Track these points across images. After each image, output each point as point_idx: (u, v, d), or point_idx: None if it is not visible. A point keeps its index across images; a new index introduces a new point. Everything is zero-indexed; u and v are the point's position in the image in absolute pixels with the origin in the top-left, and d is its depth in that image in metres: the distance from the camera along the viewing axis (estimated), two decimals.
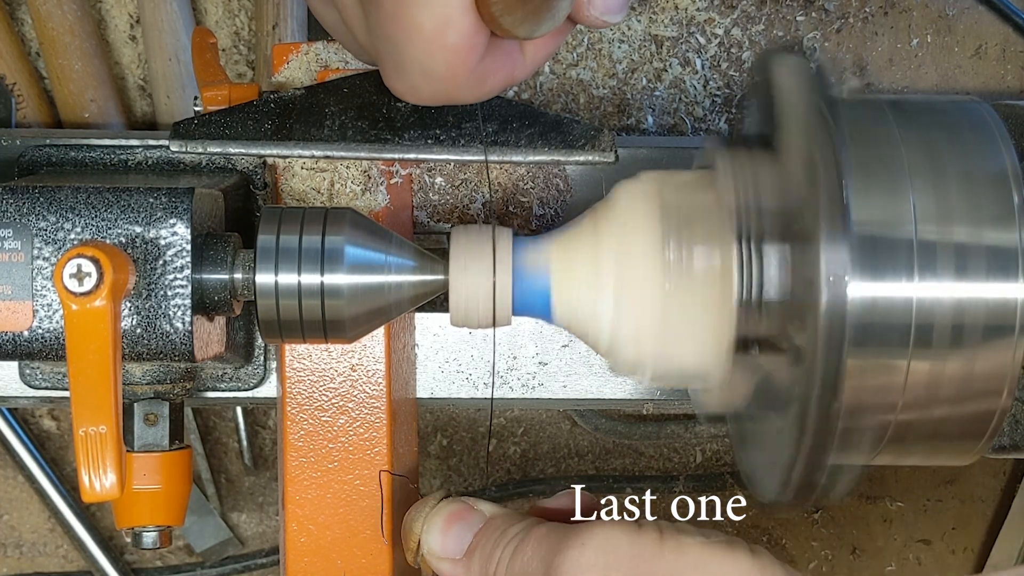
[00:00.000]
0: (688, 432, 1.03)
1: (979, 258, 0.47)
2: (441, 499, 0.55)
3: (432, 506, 0.55)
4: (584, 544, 0.47)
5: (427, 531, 0.54)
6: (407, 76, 0.51)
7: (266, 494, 1.09)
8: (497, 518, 0.53)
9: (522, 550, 0.50)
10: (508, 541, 0.51)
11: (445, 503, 0.54)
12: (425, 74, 0.49)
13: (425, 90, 0.51)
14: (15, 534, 1.07)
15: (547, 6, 0.46)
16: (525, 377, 0.67)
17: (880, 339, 0.46)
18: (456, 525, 0.53)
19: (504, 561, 0.50)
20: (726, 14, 1.01)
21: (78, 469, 0.49)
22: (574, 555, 0.47)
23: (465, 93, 0.51)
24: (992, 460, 1.11)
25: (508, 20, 0.47)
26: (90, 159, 0.62)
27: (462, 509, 0.54)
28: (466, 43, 0.48)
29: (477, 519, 0.53)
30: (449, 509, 0.54)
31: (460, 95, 0.52)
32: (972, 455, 0.51)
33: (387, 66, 0.52)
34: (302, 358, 0.60)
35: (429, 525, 0.54)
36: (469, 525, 0.53)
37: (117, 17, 1.02)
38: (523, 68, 0.53)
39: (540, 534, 0.50)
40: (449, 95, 0.51)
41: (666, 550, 0.47)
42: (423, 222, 0.65)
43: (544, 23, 0.48)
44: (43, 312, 0.53)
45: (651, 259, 0.51)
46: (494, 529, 0.52)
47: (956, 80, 1.05)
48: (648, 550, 0.47)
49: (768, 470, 0.51)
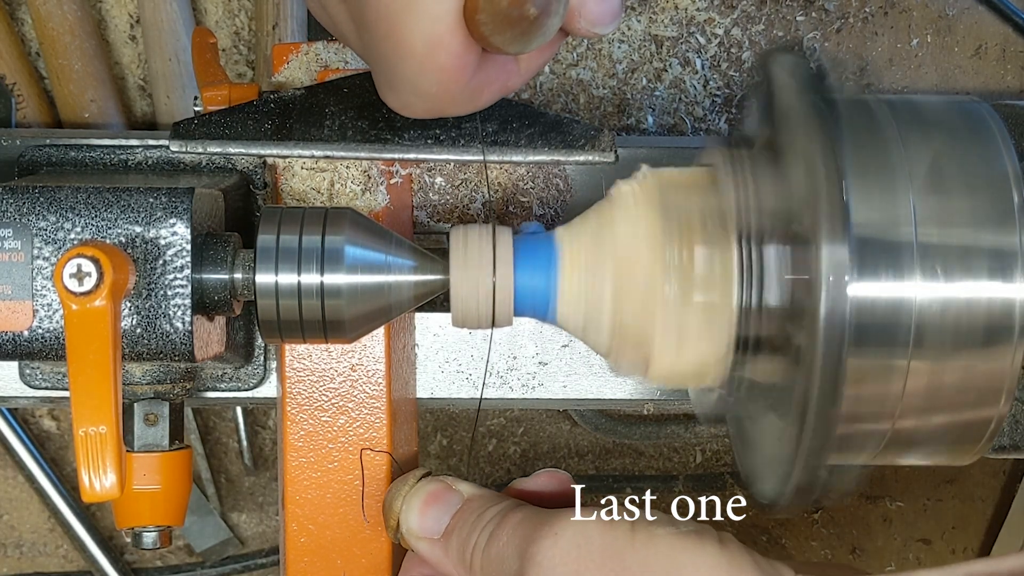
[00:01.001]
0: (688, 432, 1.04)
1: (979, 259, 0.47)
2: (420, 477, 0.56)
3: (412, 484, 0.55)
4: (557, 535, 0.48)
5: (406, 510, 0.55)
6: (399, 94, 0.51)
7: (266, 494, 1.09)
8: (474, 500, 0.54)
9: (498, 535, 0.51)
10: (484, 525, 0.52)
11: (424, 482, 0.55)
12: (417, 93, 0.50)
13: (418, 107, 0.52)
14: (15, 534, 1.07)
15: (536, 25, 0.46)
16: (525, 377, 0.67)
17: (880, 340, 0.46)
18: (434, 506, 0.54)
19: (480, 545, 0.51)
20: (726, 14, 1.01)
21: (78, 469, 0.49)
22: (547, 544, 0.48)
23: (459, 108, 0.52)
24: (992, 460, 1.11)
25: (498, 39, 0.47)
26: (90, 159, 0.62)
27: (441, 489, 0.55)
28: (457, 63, 0.48)
29: (455, 499, 0.54)
30: (428, 489, 0.55)
31: (454, 110, 0.52)
32: (972, 455, 0.51)
33: (380, 82, 0.52)
34: (302, 358, 0.60)
35: (408, 504, 0.55)
36: (447, 506, 0.54)
37: (117, 17, 1.02)
38: (517, 78, 0.53)
39: (516, 520, 0.51)
40: (443, 110, 0.52)
41: (637, 542, 0.48)
42: (423, 222, 0.65)
43: (534, 40, 0.47)
44: (43, 312, 0.53)
45: (651, 260, 0.51)
46: (471, 512, 0.53)
47: (956, 80, 1.05)
48: (619, 542, 0.48)
49: (768, 470, 0.51)
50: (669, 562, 0.47)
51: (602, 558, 0.47)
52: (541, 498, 0.55)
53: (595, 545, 0.48)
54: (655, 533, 0.48)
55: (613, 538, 0.48)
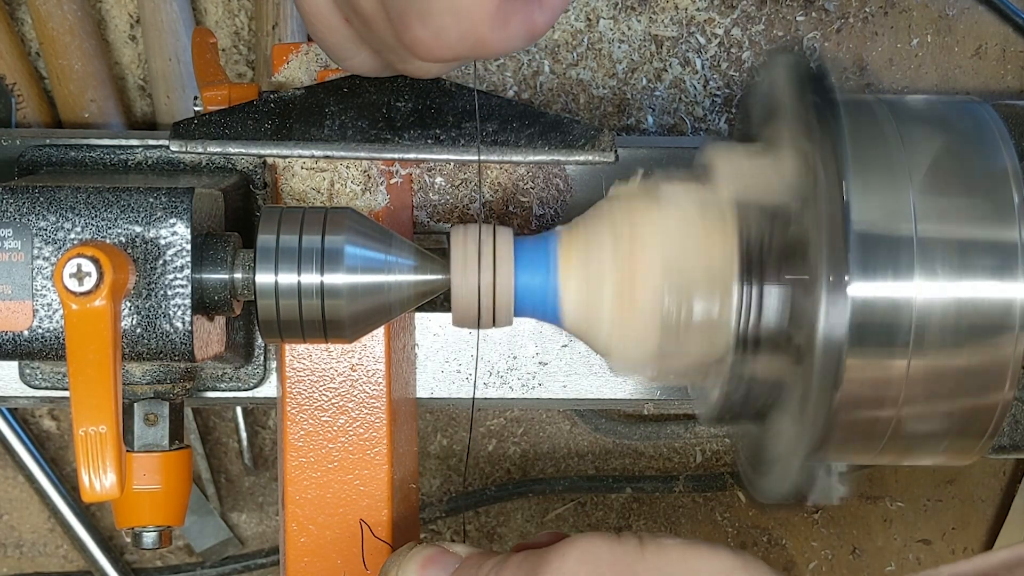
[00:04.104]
0: (688, 432, 1.03)
1: (979, 257, 0.47)
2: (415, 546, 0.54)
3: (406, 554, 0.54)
4: (565, 555, 0.47)
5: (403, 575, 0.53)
6: (433, 18, 0.49)
7: (266, 494, 1.09)
8: (472, 557, 0.52)
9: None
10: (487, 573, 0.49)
11: (419, 548, 0.53)
12: (452, 9, 0.48)
13: (453, 32, 0.50)
14: (15, 534, 1.07)
15: None
16: (525, 377, 0.67)
17: (880, 338, 0.46)
18: (431, 569, 0.52)
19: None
20: (726, 14, 1.01)
21: (78, 469, 0.49)
22: (555, 567, 0.46)
23: (492, 35, 0.50)
24: (992, 460, 1.11)
25: None
26: (90, 159, 0.62)
27: (436, 553, 0.53)
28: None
29: (452, 561, 0.52)
30: (424, 554, 0.53)
31: (487, 37, 0.50)
32: (972, 454, 0.51)
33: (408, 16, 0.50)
34: (302, 358, 0.60)
35: (403, 571, 0.53)
36: (444, 567, 0.52)
37: (117, 17, 1.02)
38: (542, 15, 0.52)
39: (517, 560, 0.49)
40: (476, 37, 0.50)
41: (647, 552, 0.46)
42: (423, 222, 0.65)
43: None
44: (43, 312, 0.53)
45: (651, 260, 0.51)
46: (469, 567, 0.51)
47: (956, 80, 1.05)
48: (629, 555, 0.46)
49: (768, 470, 0.51)
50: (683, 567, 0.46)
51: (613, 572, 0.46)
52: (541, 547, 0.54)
53: (604, 561, 0.46)
54: (664, 544, 0.47)
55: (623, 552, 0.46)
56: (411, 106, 0.60)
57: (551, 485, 1.07)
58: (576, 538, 0.48)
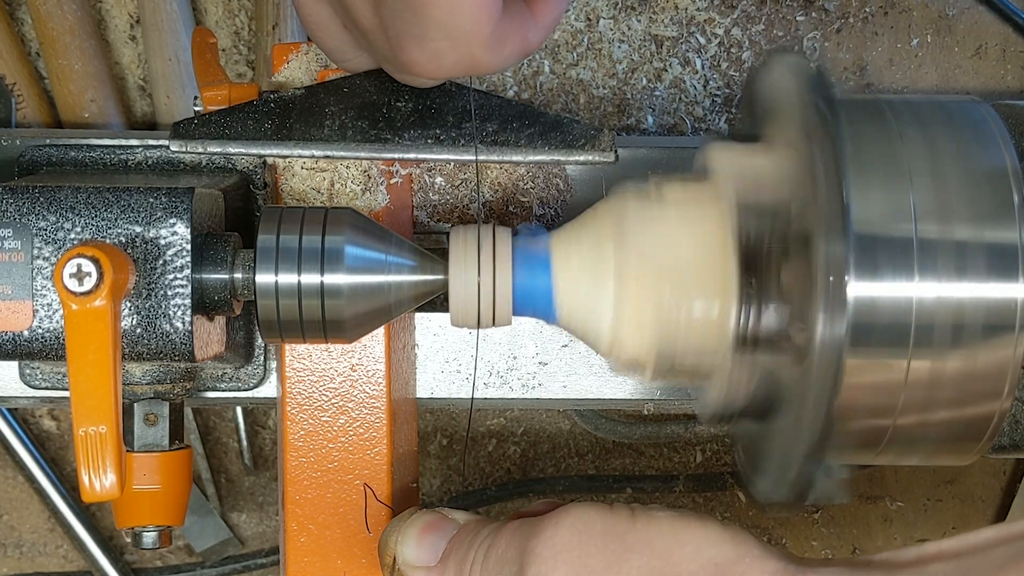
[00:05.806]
0: (688, 432, 1.03)
1: (979, 257, 0.47)
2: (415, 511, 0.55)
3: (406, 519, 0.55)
4: (558, 524, 0.48)
5: (401, 543, 0.53)
6: (429, 42, 0.50)
7: (266, 494, 1.09)
8: (470, 523, 0.53)
9: (496, 544, 0.50)
10: (481, 541, 0.51)
11: (419, 514, 0.54)
12: (449, 35, 0.49)
13: (449, 55, 0.50)
14: (15, 534, 1.07)
15: None
16: (525, 377, 0.67)
17: (880, 339, 0.46)
18: (430, 535, 0.53)
19: (479, 559, 0.50)
20: (726, 14, 1.01)
21: (78, 469, 0.49)
22: (548, 535, 0.48)
23: (487, 57, 0.51)
24: (992, 460, 1.11)
25: None
26: (90, 159, 0.62)
27: (436, 519, 0.54)
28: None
29: (451, 527, 0.53)
30: (423, 520, 0.54)
31: (483, 59, 0.51)
32: (973, 455, 0.51)
33: (405, 38, 0.51)
34: (302, 358, 0.60)
35: (403, 536, 0.53)
36: (443, 533, 0.53)
37: (117, 17, 1.02)
38: (535, 32, 0.53)
39: (513, 527, 0.50)
40: (472, 60, 0.51)
41: (638, 523, 0.48)
42: (423, 222, 0.65)
43: None
44: (43, 312, 0.53)
45: (651, 260, 0.51)
46: (467, 532, 0.52)
47: (956, 80, 1.05)
48: (620, 525, 0.47)
49: (767, 470, 0.51)
50: (672, 538, 0.47)
51: (604, 540, 0.47)
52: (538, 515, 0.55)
53: (596, 529, 0.47)
54: (655, 515, 0.48)
55: (615, 522, 0.48)
56: (411, 106, 0.60)
57: (551, 485, 1.07)
58: (570, 507, 0.49)
